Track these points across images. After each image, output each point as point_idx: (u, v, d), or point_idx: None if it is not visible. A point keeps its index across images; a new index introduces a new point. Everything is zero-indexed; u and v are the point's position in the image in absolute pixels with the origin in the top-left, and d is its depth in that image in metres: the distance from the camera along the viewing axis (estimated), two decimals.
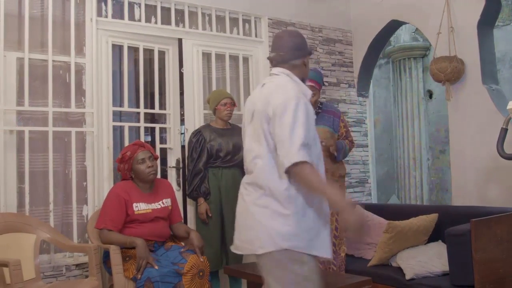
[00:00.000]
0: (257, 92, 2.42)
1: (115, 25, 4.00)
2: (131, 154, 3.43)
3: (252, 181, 2.32)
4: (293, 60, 2.41)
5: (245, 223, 2.34)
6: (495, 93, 4.22)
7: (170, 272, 3.14)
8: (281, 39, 2.45)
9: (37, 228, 3.36)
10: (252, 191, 2.31)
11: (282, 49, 2.42)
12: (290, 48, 2.41)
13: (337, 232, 3.64)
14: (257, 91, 2.42)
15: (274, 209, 2.23)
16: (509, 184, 3.92)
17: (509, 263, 3.17)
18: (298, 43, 2.46)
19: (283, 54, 2.40)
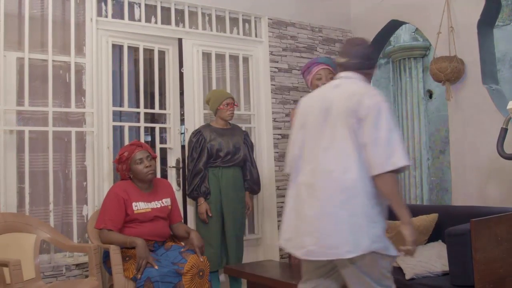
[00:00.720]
0: (330, 91, 2.43)
1: (115, 25, 4.00)
2: (128, 154, 3.43)
3: (332, 181, 2.24)
4: (365, 69, 2.49)
5: (326, 228, 2.23)
6: (495, 93, 4.22)
7: (170, 272, 3.14)
8: (356, 46, 2.50)
9: (37, 228, 3.37)
10: (333, 192, 2.23)
11: (354, 56, 2.47)
12: (364, 57, 2.47)
13: None
14: (329, 90, 2.44)
15: (362, 211, 2.21)
16: (509, 184, 3.92)
17: (509, 263, 3.16)
18: (369, 53, 2.53)
19: (355, 63, 2.45)
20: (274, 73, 4.76)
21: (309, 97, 2.57)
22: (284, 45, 4.85)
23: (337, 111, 2.31)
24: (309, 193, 2.30)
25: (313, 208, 2.27)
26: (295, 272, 3.46)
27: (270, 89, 4.71)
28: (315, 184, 2.28)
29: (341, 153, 2.26)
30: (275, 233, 4.60)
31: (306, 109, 2.50)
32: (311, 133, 2.40)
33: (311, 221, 2.27)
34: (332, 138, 2.30)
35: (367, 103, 2.25)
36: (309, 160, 2.37)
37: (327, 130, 2.32)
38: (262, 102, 4.71)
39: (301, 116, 2.50)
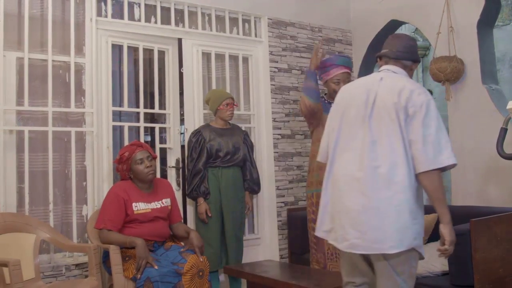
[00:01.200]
0: (375, 84, 2.40)
1: (115, 25, 4.00)
2: (129, 154, 3.43)
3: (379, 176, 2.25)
4: (405, 60, 2.47)
5: (371, 222, 2.24)
6: (495, 93, 4.22)
7: (169, 272, 3.14)
8: (398, 38, 2.52)
9: (37, 228, 3.36)
10: (380, 187, 2.24)
11: (397, 46, 2.46)
12: (405, 48, 2.46)
13: None
14: (374, 83, 2.41)
15: (407, 207, 2.23)
16: (509, 184, 3.92)
17: (508, 263, 3.17)
18: (413, 46, 2.52)
19: (397, 51, 2.44)
20: (274, 73, 4.76)
21: (351, 87, 2.55)
22: (284, 45, 4.85)
23: (384, 105, 2.30)
24: (352, 186, 2.30)
25: (357, 201, 2.27)
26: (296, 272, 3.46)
27: (269, 89, 4.71)
28: (359, 177, 2.28)
29: (389, 148, 2.26)
30: (274, 233, 4.60)
31: (347, 99, 2.47)
32: (352, 124, 2.39)
33: (356, 215, 2.27)
34: (379, 132, 2.29)
35: (416, 100, 2.26)
36: (349, 151, 2.36)
37: (372, 124, 2.32)
38: (261, 102, 4.71)
39: (340, 105, 2.50)
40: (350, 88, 2.54)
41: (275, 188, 4.63)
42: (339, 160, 2.40)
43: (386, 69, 2.47)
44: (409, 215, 2.23)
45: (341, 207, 2.33)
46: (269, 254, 4.54)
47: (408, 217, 2.23)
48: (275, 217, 4.60)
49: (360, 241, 2.26)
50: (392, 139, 2.26)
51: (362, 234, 2.25)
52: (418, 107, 2.24)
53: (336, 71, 3.72)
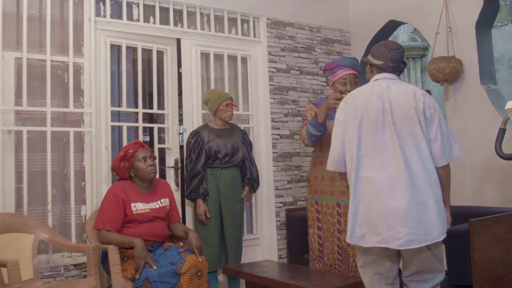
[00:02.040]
0: (384, 91, 2.62)
1: (114, 25, 4.00)
2: (133, 152, 3.43)
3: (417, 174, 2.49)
4: (399, 73, 2.80)
5: (420, 217, 2.46)
6: (494, 93, 4.22)
7: (168, 272, 3.14)
8: (393, 51, 2.73)
9: (35, 228, 3.36)
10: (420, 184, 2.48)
11: (395, 61, 2.72)
12: (400, 62, 2.75)
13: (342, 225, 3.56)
14: (383, 90, 2.62)
15: (439, 198, 2.54)
16: (507, 184, 3.92)
17: (507, 263, 3.17)
18: (403, 55, 2.80)
19: (395, 66, 2.74)
20: (273, 73, 4.76)
21: (361, 95, 2.70)
22: (282, 45, 4.85)
23: (403, 110, 2.55)
24: (394, 188, 2.48)
25: (403, 200, 2.46)
26: (294, 272, 3.46)
27: (268, 89, 4.71)
28: (399, 179, 2.48)
29: (415, 148, 2.52)
30: (273, 233, 4.60)
31: (362, 108, 2.63)
32: (374, 131, 2.57)
33: (404, 213, 2.46)
34: (404, 135, 2.53)
35: (429, 102, 2.58)
36: (379, 157, 2.54)
37: (396, 128, 2.54)
38: (260, 102, 4.71)
39: (354, 114, 2.64)
40: (361, 97, 2.67)
41: (274, 188, 4.63)
42: (370, 167, 2.56)
43: (384, 77, 2.71)
44: (441, 204, 2.55)
45: (385, 209, 2.49)
46: (267, 254, 4.55)
47: (441, 205, 2.55)
48: (274, 217, 4.61)
49: (413, 236, 2.46)
50: (417, 140, 2.53)
51: (413, 229, 2.45)
52: (433, 109, 2.57)
53: (342, 72, 3.60)
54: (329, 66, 3.70)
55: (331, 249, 3.57)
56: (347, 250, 3.54)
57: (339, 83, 3.61)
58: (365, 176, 2.56)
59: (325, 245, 3.58)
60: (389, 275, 2.68)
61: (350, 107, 2.68)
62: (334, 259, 3.56)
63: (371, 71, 2.81)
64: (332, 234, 3.57)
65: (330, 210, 3.59)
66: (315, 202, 3.66)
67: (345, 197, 3.49)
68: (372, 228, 2.53)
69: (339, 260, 3.56)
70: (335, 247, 3.56)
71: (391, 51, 2.72)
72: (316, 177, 3.66)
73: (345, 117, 2.68)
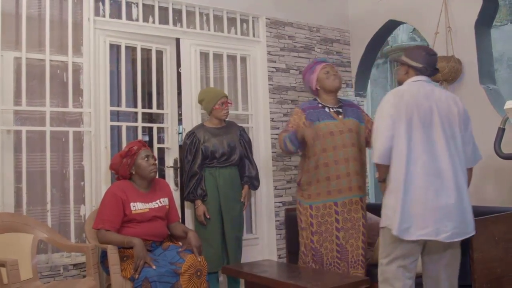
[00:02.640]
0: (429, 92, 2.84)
1: (113, 25, 4.00)
2: (137, 149, 3.44)
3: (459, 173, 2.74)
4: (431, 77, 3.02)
5: (462, 212, 2.72)
6: (493, 93, 4.22)
7: (167, 272, 3.14)
8: (433, 56, 2.96)
9: (35, 228, 3.36)
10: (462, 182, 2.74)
11: (432, 66, 2.96)
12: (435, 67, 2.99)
13: (339, 223, 3.59)
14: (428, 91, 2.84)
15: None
16: (507, 183, 3.93)
17: (506, 263, 3.17)
18: None
19: (432, 71, 2.97)
20: (272, 73, 4.76)
21: (409, 93, 2.83)
22: (282, 45, 4.85)
23: (448, 113, 2.80)
24: (445, 184, 2.69)
25: (452, 196, 2.69)
26: (293, 272, 3.46)
27: (267, 89, 4.71)
28: (449, 176, 2.70)
29: (457, 149, 2.77)
30: (272, 232, 4.60)
31: (410, 104, 2.77)
32: (423, 129, 2.74)
33: (452, 208, 2.68)
34: (448, 135, 2.75)
35: (465, 109, 2.89)
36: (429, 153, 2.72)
37: (443, 128, 2.75)
38: (259, 102, 4.71)
39: (404, 110, 2.76)
40: (410, 95, 2.81)
41: (273, 188, 4.64)
42: (419, 163, 2.71)
43: (423, 80, 2.91)
44: None
45: (435, 204, 2.67)
46: (267, 254, 4.55)
47: None
48: (273, 217, 4.61)
49: (457, 230, 2.69)
50: (456, 141, 2.78)
51: (458, 223, 2.69)
52: (468, 115, 2.88)
53: (320, 66, 3.73)
54: (307, 68, 3.84)
55: (330, 248, 3.58)
56: (346, 247, 3.57)
57: (322, 73, 3.71)
58: (414, 171, 2.69)
59: (324, 245, 3.58)
60: (411, 269, 2.82)
61: (401, 103, 2.78)
62: (333, 257, 3.57)
63: (406, 72, 2.96)
64: (330, 233, 3.58)
65: (327, 210, 3.59)
66: (309, 206, 3.64)
67: (342, 196, 3.57)
68: (419, 222, 2.67)
69: (338, 258, 3.57)
70: (334, 246, 3.57)
71: (431, 56, 2.94)
72: (310, 182, 3.63)
73: (395, 112, 2.76)
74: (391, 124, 2.76)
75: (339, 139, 3.58)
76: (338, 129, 3.59)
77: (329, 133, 3.57)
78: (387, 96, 2.88)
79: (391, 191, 2.77)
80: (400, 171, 2.71)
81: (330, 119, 3.63)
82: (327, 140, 3.57)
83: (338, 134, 3.58)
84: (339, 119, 3.65)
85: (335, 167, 3.56)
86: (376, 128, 2.84)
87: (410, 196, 2.69)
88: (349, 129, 3.62)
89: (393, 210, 2.73)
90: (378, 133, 2.81)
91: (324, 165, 3.57)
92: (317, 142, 3.55)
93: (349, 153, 3.58)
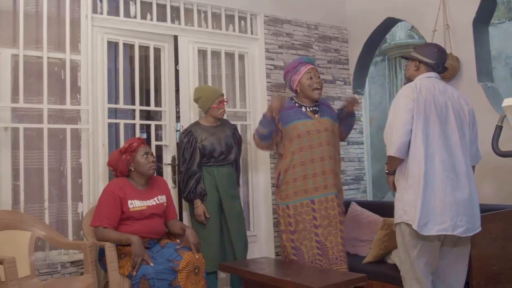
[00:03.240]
0: (443, 89, 2.88)
1: (111, 22, 3.99)
2: (137, 145, 3.44)
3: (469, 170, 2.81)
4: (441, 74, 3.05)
5: (473, 208, 2.79)
6: (490, 91, 4.23)
7: (165, 269, 3.14)
8: (443, 54, 2.99)
9: (32, 226, 3.36)
10: (472, 179, 2.81)
11: (443, 63, 3.00)
12: (444, 64, 3.02)
13: (317, 221, 3.62)
14: (442, 89, 2.88)
15: None
16: (504, 181, 3.93)
17: (503, 260, 3.18)
18: None
19: (443, 68, 3.00)
20: (270, 70, 4.76)
21: (426, 88, 2.84)
22: (280, 43, 4.85)
23: (460, 110, 2.86)
24: (460, 180, 2.75)
25: (466, 191, 2.75)
26: (291, 269, 3.46)
27: (265, 86, 4.70)
28: (463, 172, 2.77)
29: (466, 146, 2.85)
30: (270, 230, 4.61)
31: (428, 99, 2.80)
32: (439, 124, 2.79)
33: (466, 204, 2.74)
34: (459, 131, 2.82)
35: (471, 105, 2.93)
36: (445, 149, 2.77)
37: (456, 125, 2.81)
38: (257, 100, 4.71)
39: (422, 105, 2.78)
40: (428, 90, 2.82)
41: (271, 186, 4.64)
42: (436, 159, 2.74)
43: (435, 76, 2.95)
44: None
45: (452, 199, 2.72)
46: (265, 251, 4.55)
47: None
48: (271, 214, 4.61)
49: (470, 225, 2.76)
50: (466, 139, 2.85)
51: (470, 218, 2.76)
52: (475, 116, 2.94)
53: (305, 67, 3.71)
54: (291, 66, 3.81)
55: (310, 245, 3.61)
56: (325, 243, 3.61)
57: (305, 78, 3.70)
58: (433, 167, 2.73)
59: (304, 244, 3.62)
60: (434, 264, 2.85)
61: (420, 98, 2.79)
62: (314, 255, 3.61)
63: (417, 68, 2.97)
64: (309, 231, 3.62)
65: (305, 209, 3.63)
66: (286, 207, 3.67)
67: (319, 193, 3.63)
68: (438, 217, 2.71)
69: (319, 254, 3.61)
70: (313, 243, 3.61)
71: (442, 53, 2.97)
72: (287, 182, 3.66)
73: (414, 107, 2.77)
74: (410, 119, 2.77)
75: (315, 138, 3.62)
76: (315, 128, 3.64)
77: (306, 132, 3.62)
78: (405, 90, 2.86)
79: (410, 187, 2.77)
80: (419, 166, 2.73)
81: (307, 118, 3.67)
82: (304, 139, 3.62)
83: (315, 133, 3.63)
84: (315, 118, 3.69)
85: (312, 166, 3.61)
86: (393, 122, 2.83)
87: (429, 191, 2.71)
88: (325, 128, 3.67)
89: (413, 205, 2.74)
90: (396, 126, 2.80)
91: (301, 164, 3.62)
92: (295, 142, 3.62)
93: (325, 151, 3.64)
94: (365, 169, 5.48)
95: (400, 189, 2.87)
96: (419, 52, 2.98)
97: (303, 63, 3.76)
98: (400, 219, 2.85)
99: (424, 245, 2.79)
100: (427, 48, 2.98)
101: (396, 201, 2.90)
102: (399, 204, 2.86)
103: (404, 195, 2.81)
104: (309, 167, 3.61)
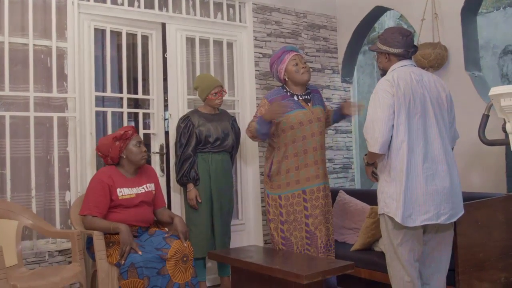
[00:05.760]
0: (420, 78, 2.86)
1: (98, 9, 3.95)
2: (131, 134, 3.42)
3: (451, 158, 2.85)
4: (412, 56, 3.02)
5: (455, 195, 2.82)
6: (478, 80, 4.25)
7: (153, 257, 3.14)
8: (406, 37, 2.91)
9: (19, 214, 3.33)
10: (454, 166, 2.85)
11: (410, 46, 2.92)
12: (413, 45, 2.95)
13: (308, 210, 3.64)
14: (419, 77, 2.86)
15: None
16: (490, 169, 3.97)
17: (488, 247, 3.22)
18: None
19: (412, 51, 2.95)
20: (259, 58, 4.74)
21: (403, 80, 2.82)
22: (268, 31, 4.83)
23: (438, 98, 2.87)
24: (441, 169, 2.78)
25: (447, 180, 2.78)
26: (280, 257, 3.48)
27: (254, 74, 4.69)
28: (443, 160, 2.79)
29: (447, 132, 2.88)
30: (259, 218, 4.62)
31: (407, 92, 2.78)
32: (419, 116, 2.79)
33: (448, 192, 2.77)
34: (439, 120, 2.84)
35: (447, 91, 2.94)
36: (425, 140, 2.79)
37: (435, 114, 2.82)
38: (246, 88, 4.70)
39: (402, 99, 2.77)
40: (405, 82, 2.80)
41: (259, 174, 4.64)
42: (417, 151, 2.76)
43: (409, 64, 2.92)
44: None
45: (433, 189, 2.75)
46: (253, 239, 4.57)
47: None
48: (259, 202, 4.62)
49: (453, 211, 2.80)
50: (446, 125, 2.88)
51: (452, 205, 2.79)
52: (452, 100, 2.96)
53: (289, 55, 3.67)
54: (275, 57, 3.77)
55: (299, 236, 3.63)
56: (315, 233, 3.63)
57: (290, 65, 3.67)
58: (414, 159, 2.74)
59: (294, 234, 3.63)
60: (418, 250, 2.87)
61: (398, 92, 2.77)
62: (303, 245, 3.63)
63: (388, 59, 2.95)
64: (300, 222, 3.63)
65: (296, 199, 3.64)
66: (278, 197, 3.67)
67: (310, 183, 3.64)
68: (421, 208, 2.73)
69: (308, 244, 3.63)
70: (303, 233, 3.63)
71: (407, 37, 2.90)
72: (280, 173, 3.65)
73: (394, 102, 2.77)
74: (392, 114, 2.76)
75: (308, 128, 3.62)
76: (307, 119, 3.63)
77: (298, 123, 3.60)
78: (383, 85, 2.82)
79: (392, 180, 2.79)
80: (401, 160, 2.75)
81: (299, 108, 3.65)
82: (297, 130, 3.60)
83: (307, 123, 3.62)
84: (308, 107, 3.67)
85: (304, 156, 3.62)
86: (373, 117, 2.80)
87: (411, 183, 2.73)
88: (317, 118, 3.68)
89: (395, 199, 2.77)
90: (378, 122, 2.77)
91: (293, 155, 3.62)
92: (288, 133, 3.60)
93: (317, 141, 3.65)
94: (353, 158, 5.50)
95: (382, 181, 2.89)
96: (384, 43, 2.92)
97: (287, 51, 3.72)
98: (382, 211, 2.89)
99: (407, 233, 2.81)
100: (391, 37, 2.90)
101: (378, 192, 2.92)
102: (381, 196, 2.89)
103: (386, 187, 2.84)
104: (302, 158, 3.61)
